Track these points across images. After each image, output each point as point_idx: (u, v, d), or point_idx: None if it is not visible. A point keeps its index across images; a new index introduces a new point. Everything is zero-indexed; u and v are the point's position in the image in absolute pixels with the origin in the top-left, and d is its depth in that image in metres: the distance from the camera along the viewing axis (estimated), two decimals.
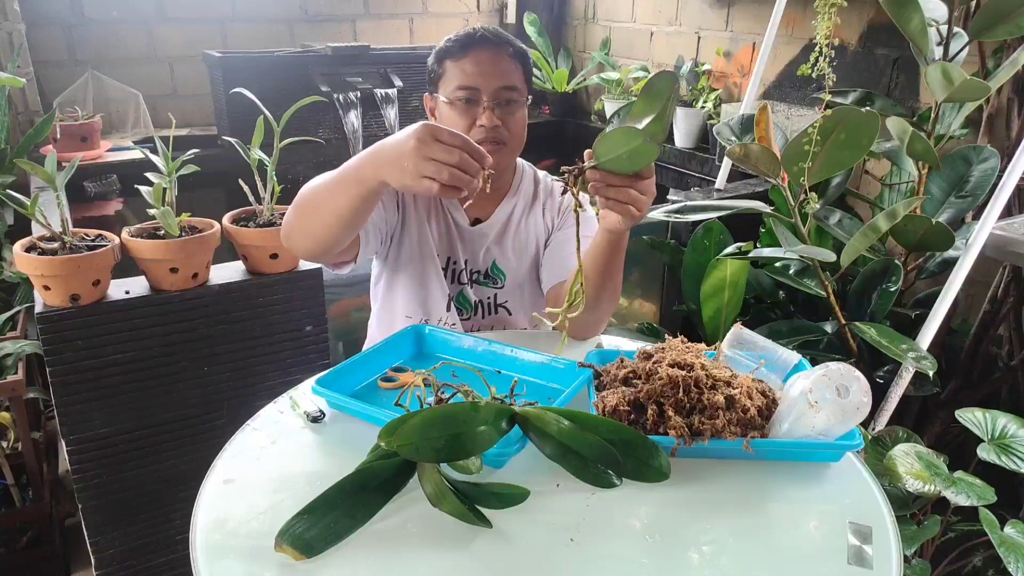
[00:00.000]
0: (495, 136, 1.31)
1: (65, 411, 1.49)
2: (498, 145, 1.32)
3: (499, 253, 1.45)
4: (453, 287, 1.45)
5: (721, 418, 0.94)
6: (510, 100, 1.32)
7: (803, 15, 2.65)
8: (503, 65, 1.32)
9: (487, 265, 1.45)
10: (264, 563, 0.78)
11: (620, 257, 1.21)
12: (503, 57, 1.33)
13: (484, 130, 1.31)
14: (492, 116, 1.30)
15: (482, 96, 1.31)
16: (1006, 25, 1.50)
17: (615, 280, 1.25)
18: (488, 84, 1.31)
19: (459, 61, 1.32)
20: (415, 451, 0.82)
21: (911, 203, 1.57)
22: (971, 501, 1.24)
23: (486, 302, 1.47)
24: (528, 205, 1.47)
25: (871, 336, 1.55)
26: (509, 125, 1.33)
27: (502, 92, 1.31)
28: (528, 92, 1.37)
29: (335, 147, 3.23)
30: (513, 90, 1.33)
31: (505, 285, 1.46)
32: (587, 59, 3.90)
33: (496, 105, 1.31)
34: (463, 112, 1.32)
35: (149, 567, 1.69)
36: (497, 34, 1.35)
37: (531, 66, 1.39)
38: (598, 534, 0.83)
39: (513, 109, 1.33)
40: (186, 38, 3.33)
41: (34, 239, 1.44)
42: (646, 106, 0.97)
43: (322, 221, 1.12)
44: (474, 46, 1.32)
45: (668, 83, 0.96)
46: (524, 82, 1.36)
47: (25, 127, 2.85)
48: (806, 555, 0.82)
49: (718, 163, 2.69)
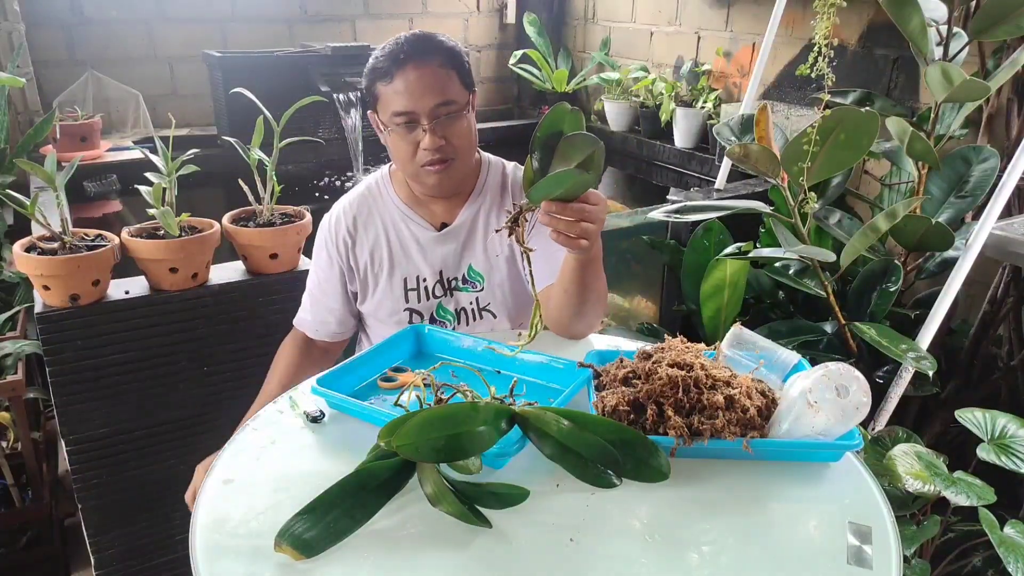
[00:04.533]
0: (441, 156, 1.30)
1: (65, 411, 1.49)
2: (446, 163, 1.31)
3: (472, 256, 1.42)
4: (428, 304, 1.43)
5: (721, 418, 0.94)
6: (450, 114, 1.29)
7: (803, 15, 2.65)
8: (435, 80, 1.27)
9: (463, 271, 1.42)
10: (264, 563, 0.78)
11: (593, 269, 1.21)
12: (433, 71, 1.28)
13: (428, 152, 1.29)
14: (434, 138, 1.28)
15: (420, 118, 1.27)
16: (1006, 25, 1.50)
17: (596, 287, 1.23)
18: (423, 105, 1.26)
19: (390, 84, 1.28)
20: (415, 451, 0.82)
21: (911, 203, 1.57)
22: (971, 501, 1.24)
23: (469, 308, 1.44)
24: (497, 200, 1.43)
25: (871, 336, 1.55)
26: (453, 140, 1.30)
27: (440, 109, 1.27)
28: (470, 91, 1.33)
29: (335, 147, 3.23)
30: (450, 104, 1.28)
31: (484, 287, 1.43)
32: (587, 59, 3.90)
33: (436, 125, 1.28)
34: (404, 137, 1.30)
35: (149, 567, 1.69)
36: (423, 45, 1.29)
37: (466, 63, 1.34)
38: (598, 534, 0.83)
39: (454, 122, 1.29)
40: (186, 38, 3.33)
41: (34, 239, 1.44)
42: (569, 154, 1.00)
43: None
44: (401, 66, 1.27)
45: (587, 143, 0.99)
46: (462, 87, 1.31)
47: (25, 127, 2.85)
48: (806, 555, 0.82)
49: (718, 163, 2.69)
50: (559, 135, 1.01)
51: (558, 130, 1.01)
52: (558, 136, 1.01)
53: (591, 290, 1.22)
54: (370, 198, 1.44)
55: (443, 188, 1.36)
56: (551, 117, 1.01)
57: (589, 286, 1.21)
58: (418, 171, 1.32)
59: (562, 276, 1.24)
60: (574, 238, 1.06)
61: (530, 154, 1.02)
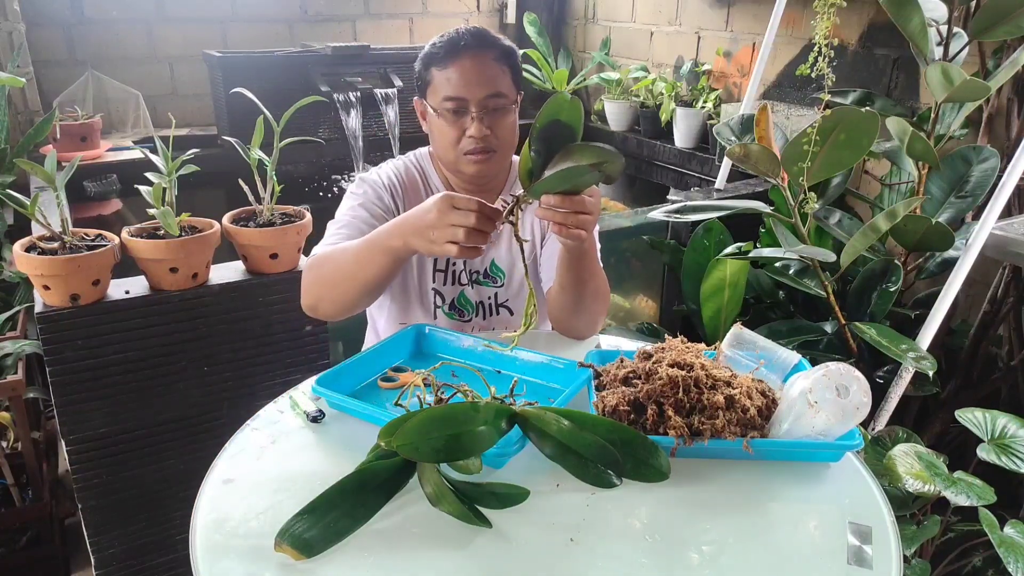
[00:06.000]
0: (484, 145, 1.31)
1: (65, 411, 1.49)
2: (488, 153, 1.32)
3: (496, 251, 1.45)
4: (452, 288, 1.45)
5: (721, 418, 0.94)
6: (498, 108, 1.31)
7: (803, 15, 2.65)
8: (489, 72, 1.30)
9: (486, 265, 1.45)
10: (264, 563, 0.78)
11: (588, 262, 1.22)
12: (488, 63, 1.30)
13: (473, 140, 1.30)
14: (480, 127, 1.30)
15: (470, 106, 1.29)
16: (1006, 25, 1.50)
17: (595, 282, 1.25)
18: (475, 93, 1.29)
19: (444, 70, 1.30)
20: (415, 451, 0.82)
21: (911, 203, 1.57)
22: (971, 501, 1.24)
23: (487, 303, 1.47)
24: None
25: (871, 336, 1.55)
26: (498, 132, 1.32)
27: (489, 100, 1.30)
28: (518, 91, 1.36)
29: (335, 147, 3.23)
30: (500, 97, 1.31)
31: (505, 284, 1.46)
32: (587, 59, 3.90)
33: (484, 114, 1.30)
34: (451, 123, 1.31)
35: (149, 567, 1.69)
36: (482, 38, 1.32)
37: (519, 63, 1.38)
38: (598, 534, 0.83)
39: (501, 116, 1.32)
40: (186, 38, 3.33)
41: (34, 239, 1.44)
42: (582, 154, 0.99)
43: (353, 291, 1.20)
44: (459, 54, 1.30)
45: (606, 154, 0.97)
46: (512, 84, 1.34)
47: (25, 127, 2.85)
48: (806, 555, 0.82)
49: (718, 163, 2.69)
50: (558, 124, 0.99)
51: (556, 119, 0.99)
52: (557, 126, 0.99)
53: (587, 285, 1.24)
54: (414, 171, 1.45)
55: (480, 178, 1.38)
56: (550, 107, 0.99)
57: (585, 281, 1.23)
58: (459, 158, 1.34)
59: (558, 273, 1.26)
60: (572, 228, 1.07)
61: (529, 146, 1.01)
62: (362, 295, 1.21)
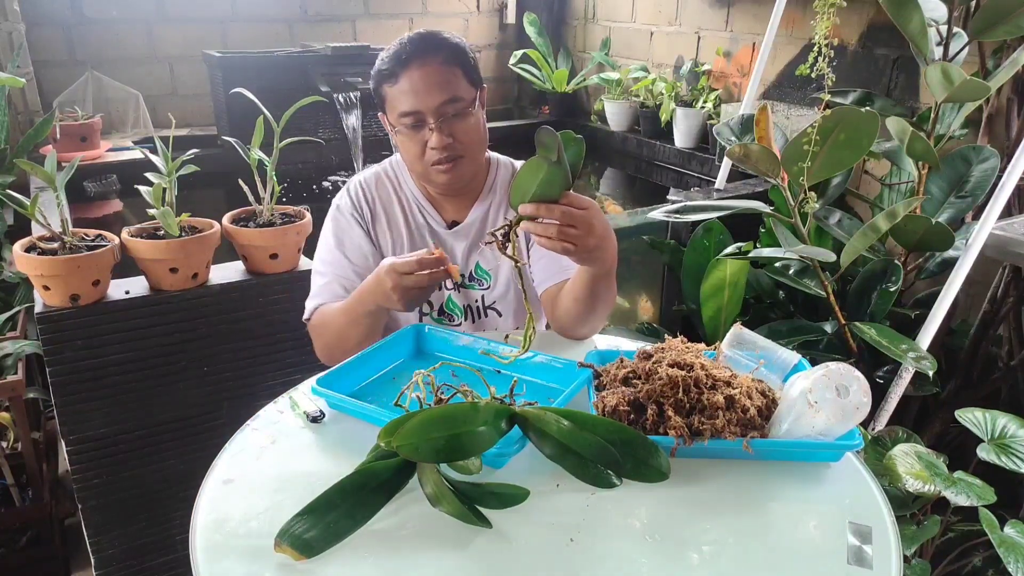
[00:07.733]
0: (449, 154, 1.29)
1: (65, 411, 1.49)
2: (454, 161, 1.30)
3: (480, 254, 1.43)
4: (438, 294, 1.43)
5: (721, 418, 0.94)
6: (457, 112, 1.28)
7: (803, 15, 2.65)
8: (439, 78, 1.26)
9: (471, 268, 1.44)
10: (264, 563, 0.78)
11: (607, 282, 1.18)
12: (437, 70, 1.26)
13: (436, 151, 1.28)
14: (441, 136, 1.27)
15: (426, 117, 1.27)
16: (1006, 25, 1.50)
17: (607, 298, 1.22)
18: (428, 104, 1.26)
19: (395, 85, 1.27)
20: (415, 451, 0.82)
21: (911, 203, 1.57)
22: (971, 501, 1.24)
23: (475, 305, 1.45)
24: (506, 199, 1.43)
25: (871, 336, 1.55)
26: (461, 137, 1.29)
27: (446, 107, 1.26)
28: (478, 87, 1.32)
29: (335, 147, 3.23)
30: (457, 101, 1.27)
31: (492, 286, 1.44)
32: (587, 59, 3.90)
33: (443, 123, 1.27)
34: (412, 137, 1.29)
35: (149, 567, 1.69)
36: (426, 44, 1.28)
37: (471, 59, 1.32)
38: (598, 534, 0.83)
39: (462, 120, 1.29)
40: (186, 38, 3.34)
41: (34, 239, 1.44)
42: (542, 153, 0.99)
43: (355, 341, 1.28)
44: (405, 66, 1.26)
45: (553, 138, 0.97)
46: (468, 83, 1.30)
47: (25, 127, 2.85)
48: (806, 555, 0.82)
49: (718, 163, 2.69)
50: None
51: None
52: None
53: (601, 301, 1.22)
54: (386, 181, 1.45)
55: (453, 186, 1.36)
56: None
57: (600, 297, 1.21)
58: (427, 170, 1.32)
59: (574, 284, 1.23)
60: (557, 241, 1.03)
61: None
62: (366, 341, 1.25)
